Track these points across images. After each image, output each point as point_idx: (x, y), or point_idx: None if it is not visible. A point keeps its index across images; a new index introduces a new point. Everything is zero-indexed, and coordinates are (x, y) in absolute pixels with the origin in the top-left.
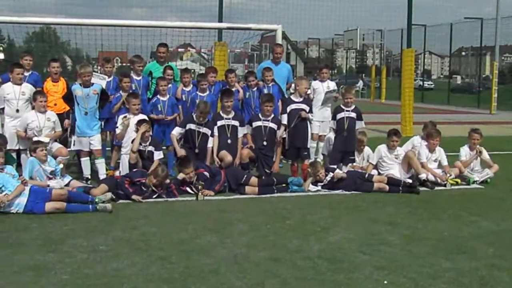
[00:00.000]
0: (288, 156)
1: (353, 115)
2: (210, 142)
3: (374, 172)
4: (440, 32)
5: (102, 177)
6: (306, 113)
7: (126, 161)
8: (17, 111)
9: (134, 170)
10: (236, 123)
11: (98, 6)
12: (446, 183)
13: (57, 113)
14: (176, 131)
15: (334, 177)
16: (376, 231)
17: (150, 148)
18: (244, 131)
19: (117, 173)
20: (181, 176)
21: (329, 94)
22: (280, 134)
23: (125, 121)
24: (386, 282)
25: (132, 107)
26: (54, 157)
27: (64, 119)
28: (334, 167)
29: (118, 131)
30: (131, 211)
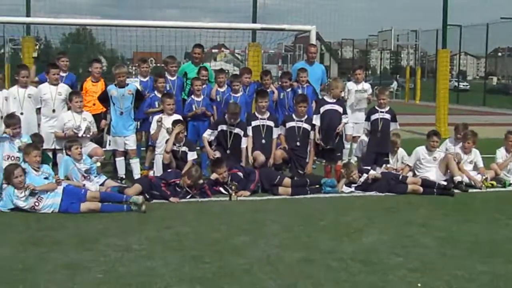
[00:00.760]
0: (322, 157)
1: (387, 117)
2: (244, 143)
3: (409, 174)
4: (476, 33)
5: (136, 177)
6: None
7: (160, 161)
8: (53, 111)
9: (168, 171)
10: (271, 124)
11: (132, 7)
12: (482, 186)
13: (95, 114)
14: (207, 134)
15: (369, 178)
16: (410, 233)
17: (184, 149)
18: (279, 132)
19: (151, 173)
20: (214, 176)
21: (360, 95)
22: (317, 136)
23: (159, 124)
24: (420, 285)
25: (167, 107)
26: (90, 157)
27: (101, 119)
28: (368, 169)
29: (152, 132)
30: (165, 211)
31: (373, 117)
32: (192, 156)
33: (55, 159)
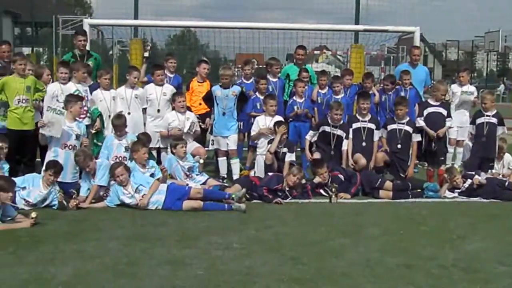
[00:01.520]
0: (425, 161)
1: (494, 121)
2: (345, 145)
3: None
4: None
5: (236, 177)
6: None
7: (262, 162)
8: (158, 111)
9: (270, 177)
10: (372, 126)
11: (235, 9)
12: None
13: (200, 113)
14: (309, 135)
15: (474, 184)
16: None
17: (285, 150)
18: (380, 134)
19: (252, 173)
20: (317, 180)
21: (466, 96)
22: (418, 139)
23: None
24: None
25: (269, 108)
26: (192, 156)
27: (206, 118)
28: (472, 174)
29: (253, 133)
30: (265, 211)
31: (479, 121)
32: (290, 157)
33: (159, 158)
